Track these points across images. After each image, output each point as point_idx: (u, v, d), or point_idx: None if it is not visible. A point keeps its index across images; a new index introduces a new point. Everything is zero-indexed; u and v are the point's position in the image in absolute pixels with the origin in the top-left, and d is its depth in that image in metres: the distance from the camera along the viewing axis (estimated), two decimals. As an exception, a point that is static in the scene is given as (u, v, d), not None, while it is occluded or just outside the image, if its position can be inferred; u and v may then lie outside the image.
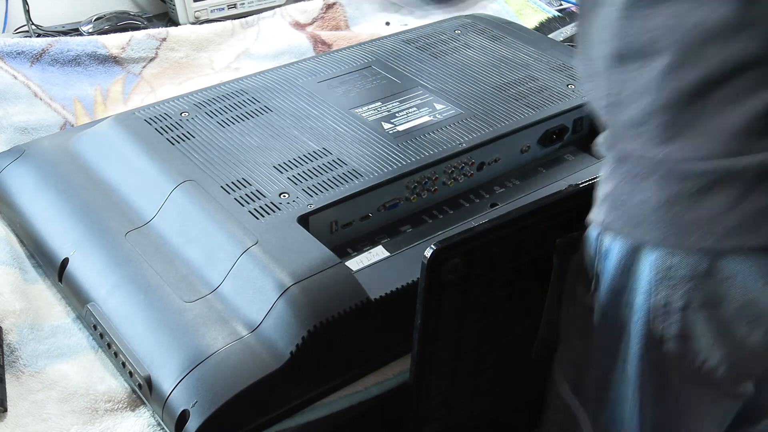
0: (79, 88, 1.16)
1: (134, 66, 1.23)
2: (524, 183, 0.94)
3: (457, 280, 0.66)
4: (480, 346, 0.75)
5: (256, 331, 0.71)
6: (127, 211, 0.84)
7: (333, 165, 0.87)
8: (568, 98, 1.00)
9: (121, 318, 0.75)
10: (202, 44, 1.28)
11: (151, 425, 0.71)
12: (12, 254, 0.86)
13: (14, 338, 0.77)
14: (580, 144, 1.01)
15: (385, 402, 0.76)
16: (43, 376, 0.75)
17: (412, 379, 0.72)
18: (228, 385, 0.68)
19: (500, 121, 0.95)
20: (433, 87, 1.02)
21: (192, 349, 0.70)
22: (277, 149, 0.89)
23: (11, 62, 1.16)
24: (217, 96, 0.99)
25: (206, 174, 0.85)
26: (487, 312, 0.73)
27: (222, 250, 0.76)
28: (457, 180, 0.91)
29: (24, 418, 0.71)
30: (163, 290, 0.75)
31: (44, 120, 1.09)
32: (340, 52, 1.11)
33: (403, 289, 0.76)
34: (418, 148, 0.89)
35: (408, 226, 0.87)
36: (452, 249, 0.64)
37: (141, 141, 0.90)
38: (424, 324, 0.67)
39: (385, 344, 0.76)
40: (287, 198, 0.82)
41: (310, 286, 0.72)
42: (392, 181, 0.85)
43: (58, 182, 0.89)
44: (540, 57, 1.09)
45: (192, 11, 1.40)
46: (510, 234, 0.69)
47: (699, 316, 0.62)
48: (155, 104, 0.98)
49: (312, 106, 0.97)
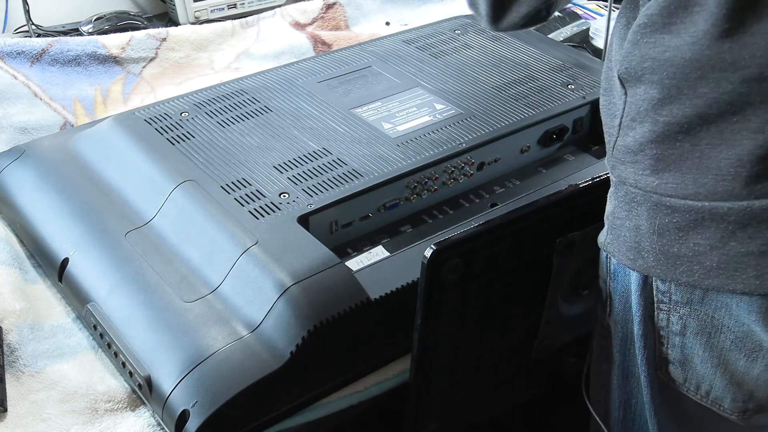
0: (79, 88, 1.16)
1: (134, 66, 1.23)
2: (524, 183, 0.94)
3: (457, 280, 0.67)
4: (480, 346, 0.75)
5: (256, 331, 0.71)
6: (127, 211, 0.84)
7: (333, 165, 0.86)
8: (568, 98, 1.00)
9: (121, 318, 0.75)
10: (202, 44, 1.28)
11: (151, 425, 0.71)
12: (12, 254, 0.86)
13: (14, 338, 0.77)
14: (580, 144, 1.01)
15: (385, 402, 0.76)
16: (43, 376, 0.75)
17: (412, 379, 0.72)
18: (228, 385, 0.68)
19: (500, 121, 0.95)
20: (433, 87, 1.02)
21: (192, 349, 0.70)
22: (277, 149, 0.89)
23: (11, 62, 1.16)
24: (217, 96, 0.99)
25: (206, 174, 0.85)
26: (486, 312, 0.73)
27: (222, 250, 0.76)
28: (457, 180, 0.91)
29: (24, 418, 0.71)
30: (163, 290, 0.75)
31: (44, 120, 1.09)
32: (340, 52, 1.11)
33: (403, 289, 0.76)
34: (418, 148, 0.89)
35: (408, 226, 0.87)
36: (452, 249, 0.64)
37: (141, 141, 0.90)
38: (424, 324, 0.67)
39: (385, 344, 0.76)
40: (287, 198, 0.82)
41: (310, 286, 0.72)
42: (392, 181, 0.85)
43: (58, 182, 0.89)
44: (540, 57, 1.09)
45: (192, 11, 1.40)
46: (510, 234, 0.69)
47: (696, 342, 0.62)
48: (155, 104, 0.98)
49: (312, 106, 0.97)
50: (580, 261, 0.74)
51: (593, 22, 1.40)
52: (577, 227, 0.72)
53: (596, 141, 0.99)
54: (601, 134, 0.67)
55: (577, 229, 0.72)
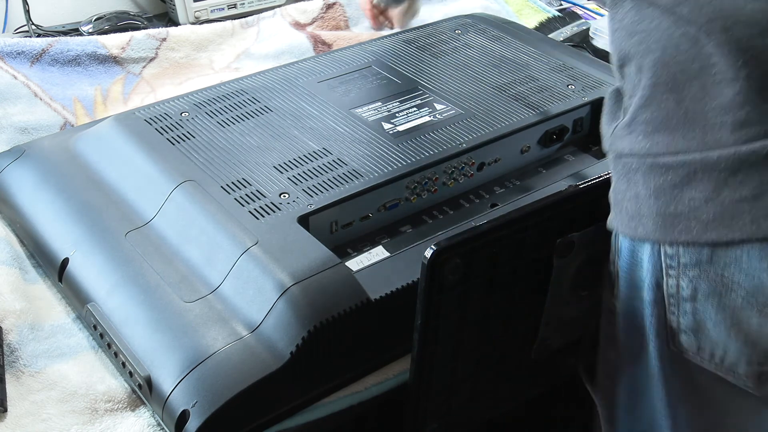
0: (79, 88, 1.16)
1: (134, 66, 1.23)
2: (524, 183, 0.94)
3: (457, 281, 0.66)
4: (480, 346, 0.75)
5: (256, 331, 0.71)
6: (127, 211, 0.84)
7: (333, 165, 0.86)
8: (568, 98, 1.00)
9: (121, 318, 0.75)
10: (202, 44, 1.28)
11: (151, 425, 0.71)
12: (12, 254, 0.86)
13: (14, 338, 0.77)
14: (580, 144, 1.01)
15: (385, 402, 0.76)
16: (43, 376, 0.75)
17: (412, 379, 0.72)
18: (228, 385, 0.68)
19: (500, 121, 0.95)
20: (433, 87, 1.02)
21: (192, 349, 0.70)
22: (277, 149, 0.89)
23: (11, 62, 1.16)
24: (217, 96, 0.99)
25: (206, 174, 0.85)
26: (486, 312, 0.73)
27: (222, 251, 0.76)
28: (457, 180, 0.91)
29: (24, 418, 0.71)
30: (163, 290, 0.75)
31: (44, 120, 1.09)
32: (340, 52, 1.11)
33: (403, 290, 0.76)
34: (418, 149, 0.89)
35: (408, 227, 0.87)
36: (452, 249, 0.64)
37: (141, 141, 0.90)
38: (424, 324, 0.67)
39: (385, 344, 0.77)
40: (287, 198, 0.82)
41: (310, 287, 0.72)
42: (392, 181, 0.85)
43: (58, 182, 0.89)
44: (540, 57, 1.09)
45: (192, 11, 1.40)
46: (510, 234, 0.69)
47: (708, 305, 0.62)
48: (155, 104, 0.98)
49: (312, 106, 0.97)
50: (580, 261, 0.74)
51: (593, 22, 1.40)
52: (577, 227, 0.72)
53: (596, 141, 0.99)
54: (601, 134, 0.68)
55: (577, 229, 0.72)
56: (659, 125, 0.60)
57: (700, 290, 0.62)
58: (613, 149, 0.65)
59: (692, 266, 0.61)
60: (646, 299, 0.65)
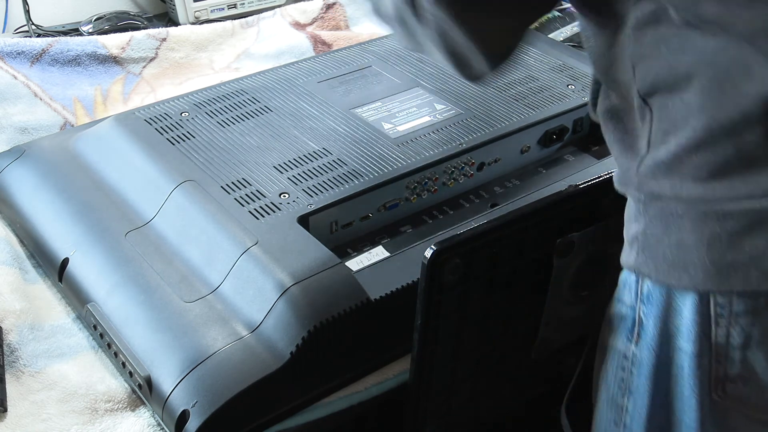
0: (79, 88, 1.16)
1: (134, 66, 1.23)
2: (524, 183, 0.94)
3: (457, 281, 0.66)
4: (480, 346, 0.75)
5: (256, 331, 0.71)
6: (127, 211, 0.84)
7: (333, 165, 0.86)
8: (568, 98, 1.00)
9: (121, 318, 0.75)
10: (202, 44, 1.28)
11: (151, 425, 0.71)
12: (12, 254, 0.86)
13: (14, 338, 0.77)
14: (580, 144, 1.01)
15: (385, 402, 0.76)
16: (43, 376, 0.75)
17: (412, 379, 0.72)
18: (228, 385, 0.68)
19: (500, 121, 0.95)
20: (433, 87, 1.02)
21: (192, 349, 0.70)
22: (277, 149, 0.89)
23: (11, 62, 1.16)
24: (217, 96, 0.99)
25: (206, 174, 0.85)
26: (487, 312, 0.73)
27: (222, 251, 0.76)
28: (457, 180, 0.91)
29: (24, 418, 0.71)
30: (163, 290, 0.75)
31: (44, 120, 1.09)
32: (340, 52, 1.11)
33: (403, 290, 0.76)
34: (418, 148, 0.89)
35: (408, 227, 0.87)
36: (452, 249, 0.64)
37: (141, 141, 0.90)
38: (424, 324, 0.67)
39: (385, 344, 0.76)
40: (287, 198, 0.82)
41: (310, 287, 0.72)
42: (392, 181, 0.85)
43: (58, 182, 0.89)
44: (540, 57, 1.09)
45: (192, 11, 1.40)
46: (510, 234, 0.69)
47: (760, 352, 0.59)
48: (155, 104, 0.98)
49: (312, 106, 0.97)
50: (580, 261, 0.74)
51: (593, 23, 1.40)
52: (577, 228, 0.71)
53: (596, 141, 0.99)
54: (601, 134, 0.67)
55: (577, 229, 0.71)
56: (715, 171, 0.54)
57: (753, 338, 0.58)
58: (645, 190, 0.59)
59: (745, 314, 0.57)
60: (684, 348, 0.61)
